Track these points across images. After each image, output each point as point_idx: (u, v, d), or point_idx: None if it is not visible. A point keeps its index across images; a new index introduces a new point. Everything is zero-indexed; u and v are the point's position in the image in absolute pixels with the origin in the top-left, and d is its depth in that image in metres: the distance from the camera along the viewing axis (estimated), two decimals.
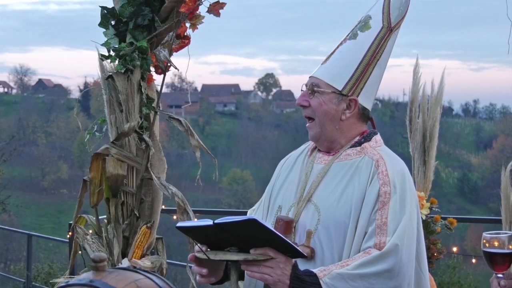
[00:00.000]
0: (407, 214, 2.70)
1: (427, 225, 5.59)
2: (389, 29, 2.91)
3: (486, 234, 2.51)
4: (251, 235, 2.49)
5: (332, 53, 2.95)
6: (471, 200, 74.25)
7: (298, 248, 2.59)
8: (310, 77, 2.94)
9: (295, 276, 2.56)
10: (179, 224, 2.63)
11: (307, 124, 2.93)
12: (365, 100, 2.91)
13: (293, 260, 2.59)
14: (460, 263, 15.12)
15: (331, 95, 2.85)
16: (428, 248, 5.51)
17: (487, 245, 2.52)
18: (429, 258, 5.51)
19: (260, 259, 2.52)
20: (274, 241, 2.51)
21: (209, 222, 2.48)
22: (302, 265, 2.66)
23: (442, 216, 5.82)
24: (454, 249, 8.39)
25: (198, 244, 2.60)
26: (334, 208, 2.75)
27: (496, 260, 2.54)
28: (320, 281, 2.55)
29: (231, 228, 2.46)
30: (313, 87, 2.87)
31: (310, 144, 3.05)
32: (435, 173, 6.11)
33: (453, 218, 5.85)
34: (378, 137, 2.94)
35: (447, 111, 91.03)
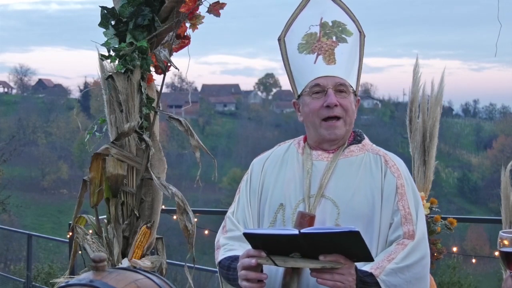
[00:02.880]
0: (420, 204, 2.88)
1: (427, 225, 5.58)
2: (363, 35, 3.07)
3: (502, 233, 2.50)
4: (344, 246, 2.46)
5: (326, 55, 2.98)
6: (471, 200, 74.24)
7: (371, 253, 2.57)
8: (327, 77, 2.94)
9: (359, 279, 2.61)
10: (248, 231, 2.59)
11: (333, 123, 2.92)
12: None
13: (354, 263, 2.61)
14: (460, 263, 15.14)
15: (351, 95, 2.96)
16: None
17: (501, 244, 2.50)
18: None
19: (337, 266, 2.49)
20: (358, 250, 2.49)
21: (293, 231, 2.44)
22: None
23: (442, 216, 5.82)
24: (454, 249, 8.38)
25: (266, 252, 2.52)
26: (353, 202, 2.83)
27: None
28: (378, 279, 2.65)
29: (321, 238, 2.42)
30: (341, 89, 2.93)
31: (292, 142, 3.09)
32: (435, 173, 6.11)
33: (453, 218, 5.85)
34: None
35: (447, 111, 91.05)
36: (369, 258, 2.57)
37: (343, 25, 3.03)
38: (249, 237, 2.57)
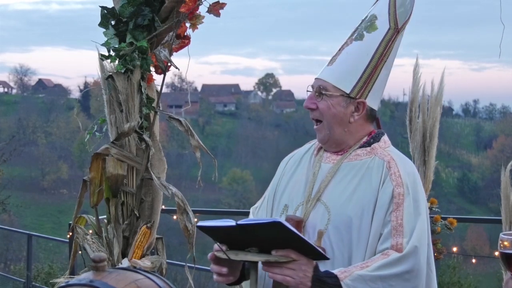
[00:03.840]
0: (422, 216, 2.70)
1: None
2: (396, 30, 2.88)
3: (503, 235, 2.49)
4: (273, 237, 2.47)
5: (337, 54, 2.92)
6: (471, 200, 74.27)
7: (321, 250, 2.57)
8: (316, 79, 2.91)
9: (317, 278, 2.54)
10: (200, 224, 2.59)
11: (315, 126, 2.90)
12: (373, 101, 2.89)
13: (314, 262, 2.58)
14: (460, 263, 15.14)
15: (339, 98, 2.83)
16: None
17: (502, 246, 2.49)
18: None
19: (283, 260, 2.50)
20: (297, 243, 2.49)
21: (231, 222, 2.46)
22: None
23: (442, 216, 5.82)
24: (454, 249, 8.39)
25: (218, 244, 2.58)
26: (344, 208, 2.73)
27: None
28: (341, 283, 2.54)
29: (254, 230, 2.44)
30: (321, 90, 2.85)
31: (315, 142, 3.02)
32: (435, 173, 6.11)
33: (453, 218, 5.85)
34: (386, 138, 2.93)
35: (447, 111, 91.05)
36: (319, 256, 2.55)
37: (374, 20, 2.89)
38: (202, 230, 2.60)
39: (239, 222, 2.45)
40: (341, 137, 2.86)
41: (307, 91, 2.93)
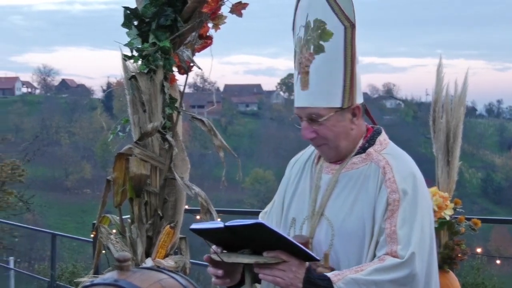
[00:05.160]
0: (418, 221, 2.61)
1: (451, 226, 5.55)
2: (352, 27, 2.72)
3: None
4: (260, 239, 2.46)
5: (303, 76, 2.78)
6: (494, 201, 73.81)
7: (309, 251, 2.54)
8: (298, 108, 2.79)
9: (308, 279, 2.50)
10: (193, 226, 2.57)
11: (318, 149, 2.84)
12: (359, 98, 2.79)
13: (307, 263, 2.55)
14: (484, 264, 15.02)
15: (335, 116, 2.72)
16: (452, 249, 5.48)
17: None
18: (453, 259, 5.48)
19: (272, 262, 2.48)
20: (284, 244, 2.48)
21: (220, 224, 2.46)
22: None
23: (466, 217, 5.78)
24: (478, 250, 8.33)
25: (213, 246, 2.58)
26: (346, 222, 2.68)
27: None
28: (334, 286, 2.49)
29: (240, 231, 2.44)
30: (313, 117, 2.74)
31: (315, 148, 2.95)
32: (459, 174, 6.07)
33: (477, 219, 5.81)
34: (382, 137, 2.83)
35: (471, 111, 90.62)
36: (310, 257, 2.52)
37: (323, 25, 2.72)
38: (195, 232, 2.58)
39: (227, 223, 2.43)
40: (346, 148, 2.78)
41: (295, 125, 2.83)
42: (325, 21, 2.72)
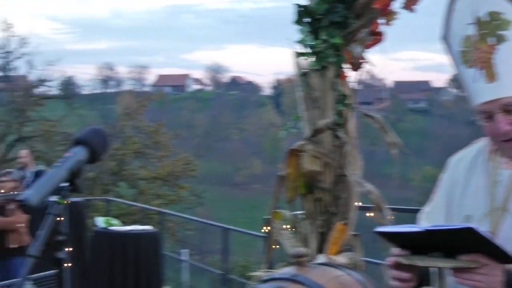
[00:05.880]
0: None
1: None
2: None
3: None
4: (461, 242, 2.40)
5: (487, 70, 2.68)
6: None
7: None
8: (487, 102, 2.66)
9: (509, 282, 2.43)
10: (380, 229, 2.54)
11: (508, 145, 2.68)
12: None
13: (503, 265, 2.47)
14: None
15: None
16: None
17: None
18: None
19: (472, 266, 2.40)
20: (488, 249, 2.41)
21: (418, 228, 2.42)
22: None
23: None
24: None
25: (395, 249, 2.54)
26: None
27: None
28: None
29: (442, 236, 2.39)
30: (510, 109, 2.61)
31: (485, 145, 2.83)
32: None
33: None
34: None
35: None
36: (506, 259, 2.41)
37: (500, 15, 2.65)
38: (384, 235, 2.53)
39: (427, 227, 2.38)
40: None
41: (484, 117, 2.71)
42: (501, 11, 2.65)
